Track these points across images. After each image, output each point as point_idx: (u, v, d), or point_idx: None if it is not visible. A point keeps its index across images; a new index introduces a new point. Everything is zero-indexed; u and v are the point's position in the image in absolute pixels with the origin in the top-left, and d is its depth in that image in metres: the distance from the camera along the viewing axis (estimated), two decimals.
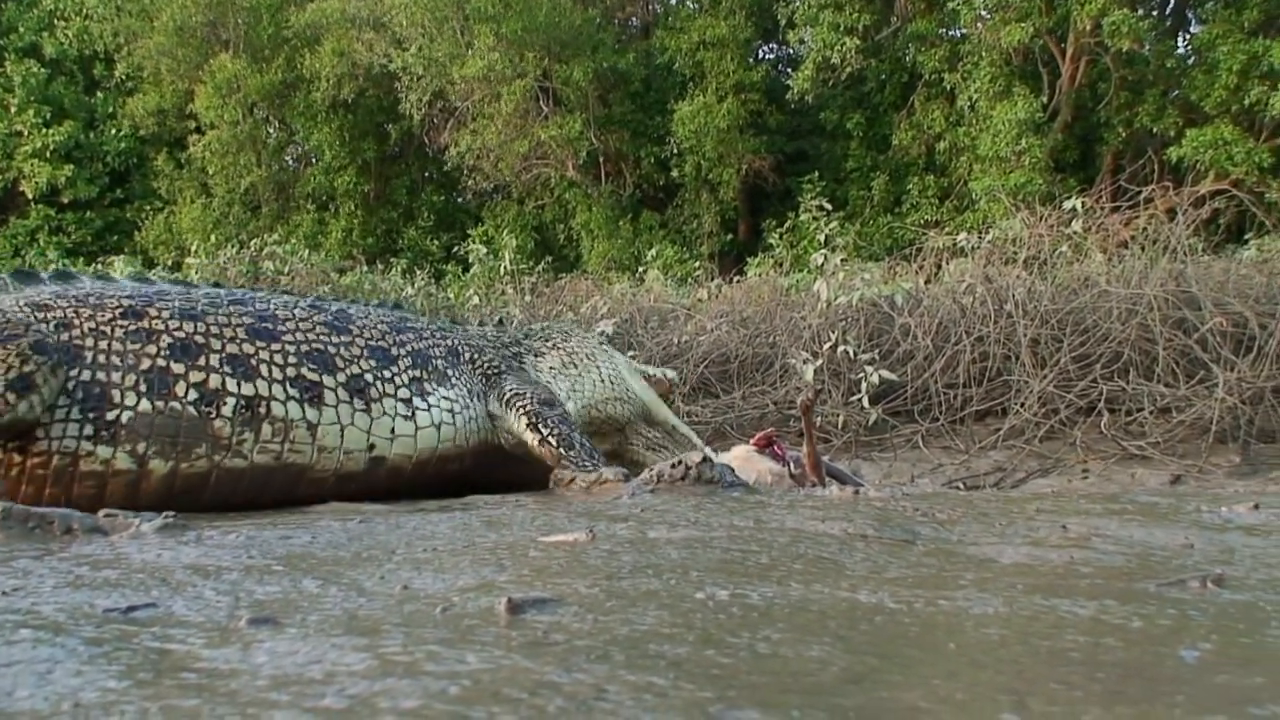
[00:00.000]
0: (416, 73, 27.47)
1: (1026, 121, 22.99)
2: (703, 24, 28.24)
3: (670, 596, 2.45)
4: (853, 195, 27.18)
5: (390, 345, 6.02)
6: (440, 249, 29.07)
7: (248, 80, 29.36)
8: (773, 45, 33.00)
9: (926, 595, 2.51)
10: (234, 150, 29.99)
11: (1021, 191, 20.79)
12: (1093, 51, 24.35)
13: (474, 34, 26.44)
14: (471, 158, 27.94)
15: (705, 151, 26.61)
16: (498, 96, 27.02)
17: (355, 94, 29.48)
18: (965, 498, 4.66)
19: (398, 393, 5.84)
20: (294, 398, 5.44)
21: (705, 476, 4.81)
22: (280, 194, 31.34)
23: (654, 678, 1.75)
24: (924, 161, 27.01)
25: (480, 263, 17.75)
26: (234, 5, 29.67)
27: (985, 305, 9.87)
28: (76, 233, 31.66)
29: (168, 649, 2.01)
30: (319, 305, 6.08)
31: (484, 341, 6.79)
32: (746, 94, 27.58)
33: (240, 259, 14.97)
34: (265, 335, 5.53)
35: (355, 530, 3.73)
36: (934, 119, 26.17)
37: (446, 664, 1.82)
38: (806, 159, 29.00)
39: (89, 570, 2.87)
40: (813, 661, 1.89)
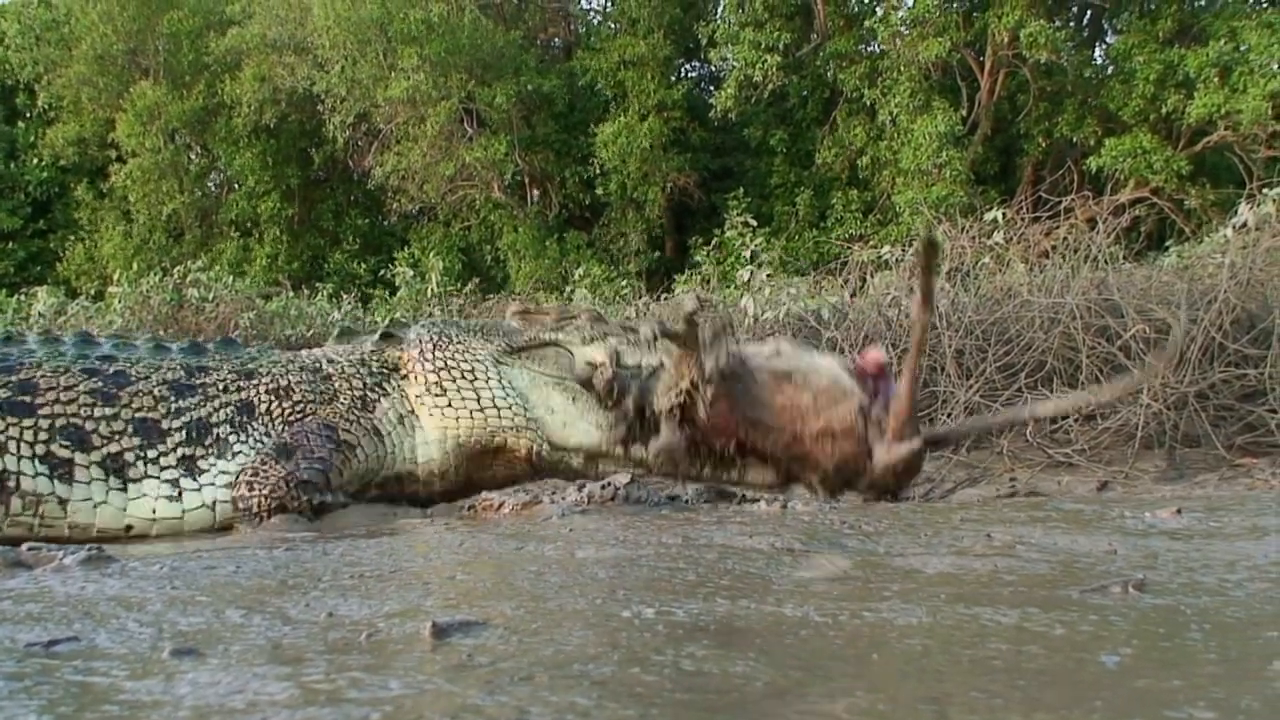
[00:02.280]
0: (340, 95, 27.34)
1: (946, 135, 23.28)
2: (622, 44, 28.37)
3: (596, 616, 2.45)
4: (778, 211, 27.36)
5: (163, 416, 5.53)
6: (367, 272, 28.89)
7: (168, 107, 29.08)
8: (694, 64, 33.18)
9: (852, 607, 2.52)
10: (155, 178, 29.66)
11: (943, 204, 21.03)
12: (1011, 64, 24.73)
13: (397, 56, 26.36)
14: (396, 180, 27.83)
15: (630, 170, 26.68)
16: (422, 119, 26.95)
17: (277, 119, 29.29)
18: (892, 509, 4.70)
19: (162, 474, 5.42)
20: (43, 474, 5.22)
21: (634, 496, 4.82)
22: (203, 220, 31.05)
23: (577, 698, 1.75)
24: (847, 176, 27.26)
25: (407, 285, 17.67)
26: (154, 32, 29.40)
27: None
28: None
29: (90, 682, 2.00)
30: (94, 368, 5.59)
31: (307, 375, 5.94)
32: (669, 112, 27.70)
33: (163, 287, 14.78)
34: (20, 410, 5.29)
35: (281, 558, 3.69)
36: (856, 134, 26.42)
37: (369, 690, 1.82)
38: (731, 176, 29.16)
39: (11, 604, 2.83)
40: (737, 677, 1.90)
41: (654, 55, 27.88)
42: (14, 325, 15.29)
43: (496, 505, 5.03)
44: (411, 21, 25.81)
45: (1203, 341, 8.97)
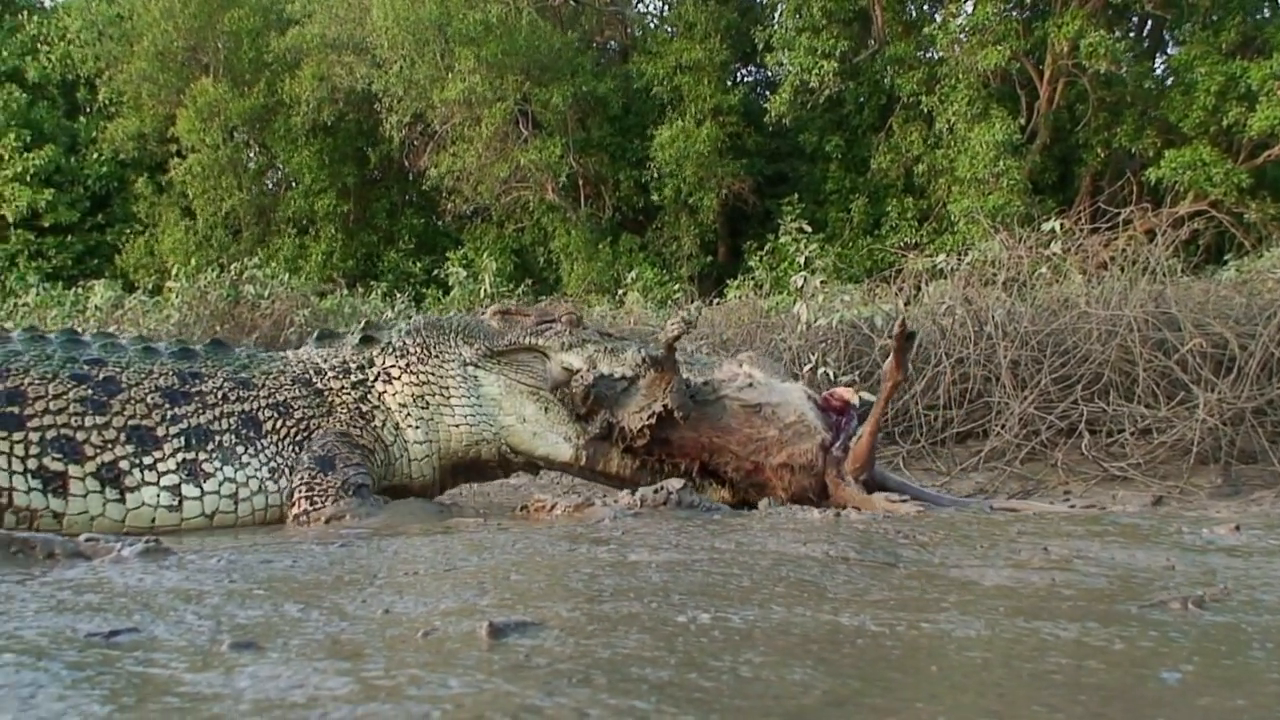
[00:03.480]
0: (397, 95, 27.47)
1: (1004, 143, 23.09)
2: (679, 48, 28.31)
3: (652, 619, 2.45)
4: (832, 217, 27.23)
5: (158, 423, 5.49)
6: (421, 271, 29.02)
7: (228, 104, 29.32)
8: (750, 68, 33.10)
9: (909, 618, 2.51)
10: (215, 174, 29.91)
11: (1000, 213, 20.86)
12: (1070, 73, 24.50)
13: (454, 57, 26.44)
14: (451, 180, 27.92)
15: (684, 175, 26.63)
16: (478, 120, 27.03)
17: (335, 117, 29.49)
18: (947, 520, 4.67)
19: (161, 480, 5.38)
20: (36, 489, 5.17)
21: (686, 501, 4.82)
22: (261, 218, 31.27)
23: (636, 701, 1.75)
24: (903, 183, 27.09)
25: (460, 285, 17.75)
26: (215, 30, 29.65)
27: (965, 327, 9.87)
28: (57, 257, 31.51)
29: (150, 673, 2.01)
30: (83, 375, 5.51)
31: (302, 390, 5.93)
32: (725, 117, 27.63)
33: (220, 282, 14.91)
34: (9, 423, 5.22)
35: (337, 554, 3.72)
36: (912, 141, 26.26)
37: (429, 688, 1.82)
38: (786, 181, 29.06)
39: (71, 594, 2.86)
40: (795, 685, 1.89)
41: (711, 60, 27.83)
42: (71, 318, 15.49)
43: (549, 506, 5.03)
44: (470, 23, 25.89)
45: (1261, 357, 8.88)
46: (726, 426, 5.94)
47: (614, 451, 6.07)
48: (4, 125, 31.25)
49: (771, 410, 5.93)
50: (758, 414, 5.93)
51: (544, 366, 6.22)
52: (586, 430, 6.06)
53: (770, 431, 5.87)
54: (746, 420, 5.92)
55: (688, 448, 6.01)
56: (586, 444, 6.06)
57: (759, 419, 5.91)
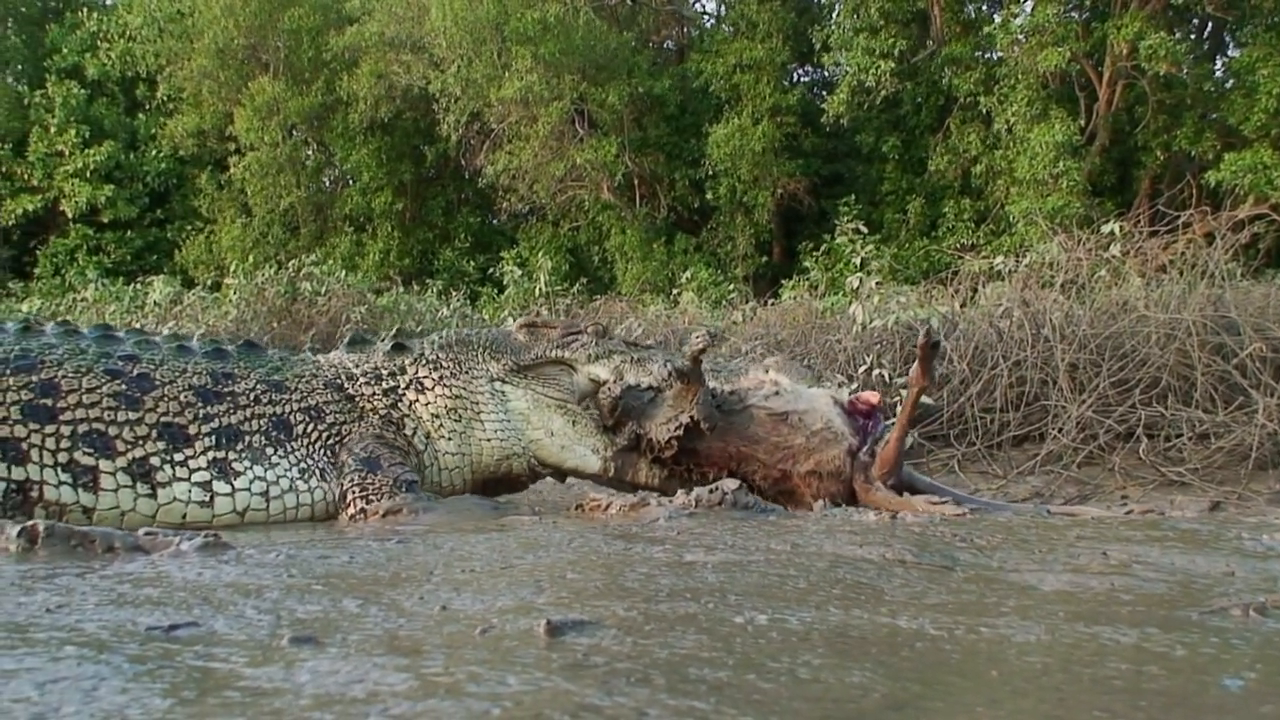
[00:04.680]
0: (454, 94, 27.60)
1: (1063, 145, 22.88)
2: (738, 47, 28.27)
3: (709, 620, 2.44)
4: (888, 218, 27.11)
5: (190, 422, 5.50)
6: (476, 270, 29.13)
7: (287, 102, 29.56)
8: (808, 68, 33.00)
9: (968, 622, 2.50)
10: (273, 171, 30.18)
11: (1059, 215, 20.69)
12: (1129, 75, 24.25)
13: (512, 56, 26.54)
14: (507, 179, 28.03)
15: (740, 174, 26.60)
16: (534, 119, 27.11)
17: (392, 116, 29.66)
18: (1005, 524, 4.64)
19: (192, 476, 5.39)
20: (66, 483, 5.16)
21: (741, 502, 4.81)
22: (318, 215, 31.51)
23: (695, 702, 1.75)
24: (960, 184, 26.92)
25: (515, 284, 17.81)
26: (275, 28, 29.90)
27: (1022, 329, 9.81)
28: (116, 252, 31.90)
29: (211, 667, 2.03)
30: (117, 370, 5.52)
31: (334, 395, 5.97)
32: (782, 117, 27.57)
33: (278, 279, 15.04)
34: (41, 415, 5.21)
35: (393, 551, 3.74)
36: (970, 142, 26.07)
37: (488, 685, 1.83)
38: (842, 181, 28.98)
39: (131, 588, 2.89)
40: (854, 688, 1.89)
41: (769, 59, 27.77)
42: (130, 313, 15.66)
43: (604, 505, 5.04)
44: (527, 22, 25.97)
45: None
46: (754, 435, 6.04)
47: (642, 462, 6.15)
48: (64, 121, 31.68)
49: (798, 418, 6.02)
50: (785, 422, 6.02)
51: (571, 379, 6.31)
52: (614, 442, 6.15)
53: (797, 439, 5.96)
54: (774, 429, 6.02)
55: (715, 457, 6.08)
56: (614, 455, 6.14)
57: (786, 427, 6.00)
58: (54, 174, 31.69)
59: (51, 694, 1.83)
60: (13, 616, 2.51)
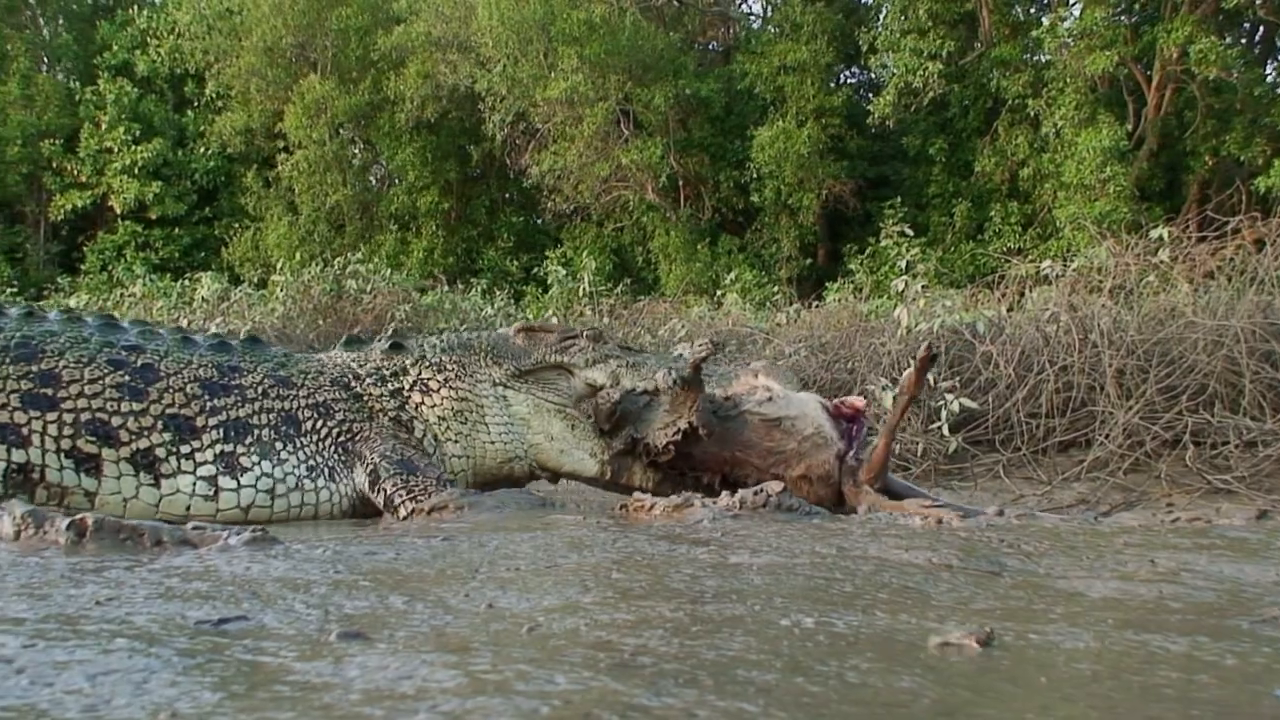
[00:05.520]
0: (500, 94, 27.70)
1: (1111, 149, 22.74)
2: (783, 49, 28.22)
3: (756, 622, 2.44)
4: (934, 221, 27.00)
5: (197, 413, 5.48)
6: (519, 270, 29.23)
7: (335, 101, 29.74)
8: (854, 70, 32.92)
9: (1016, 628, 2.48)
10: (320, 170, 30.38)
11: (1106, 220, 20.57)
12: (1179, 79, 24.07)
13: (557, 56, 26.61)
14: (552, 179, 28.11)
15: (785, 176, 26.56)
16: (579, 119, 27.17)
17: (438, 115, 29.80)
18: (1051, 530, 4.60)
19: (198, 469, 5.37)
20: (69, 467, 5.16)
21: (786, 504, 4.80)
22: (364, 213, 31.68)
23: (744, 704, 1.74)
24: (1007, 188, 26.78)
25: (559, 284, 17.84)
26: (323, 27, 30.11)
27: (1069, 334, 9.73)
28: (164, 249, 32.19)
29: (260, 661, 2.04)
30: (120, 360, 5.48)
31: (341, 393, 5.96)
32: (827, 119, 27.52)
33: (324, 277, 15.14)
34: (42, 403, 5.20)
35: (439, 548, 3.75)
36: (1018, 145, 25.94)
37: (536, 684, 1.83)
38: (888, 184, 28.89)
39: (179, 582, 2.91)
40: (904, 693, 1.88)
41: (816, 61, 27.70)
42: (177, 309, 15.79)
43: (648, 506, 5.03)
44: (573, 22, 26.04)
45: None
46: (748, 441, 6.13)
47: (636, 465, 6.25)
48: (114, 118, 32.02)
49: (790, 423, 6.10)
50: (778, 427, 6.11)
51: (568, 383, 6.38)
52: (611, 445, 6.25)
53: (790, 444, 6.06)
54: (767, 434, 6.11)
55: (710, 462, 6.19)
56: (611, 459, 6.23)
57: (779, 432, 6.10)
58: (103, 170, 32.05)
59: (103, 686, 1.85)
60: (63, 609, 2.53)
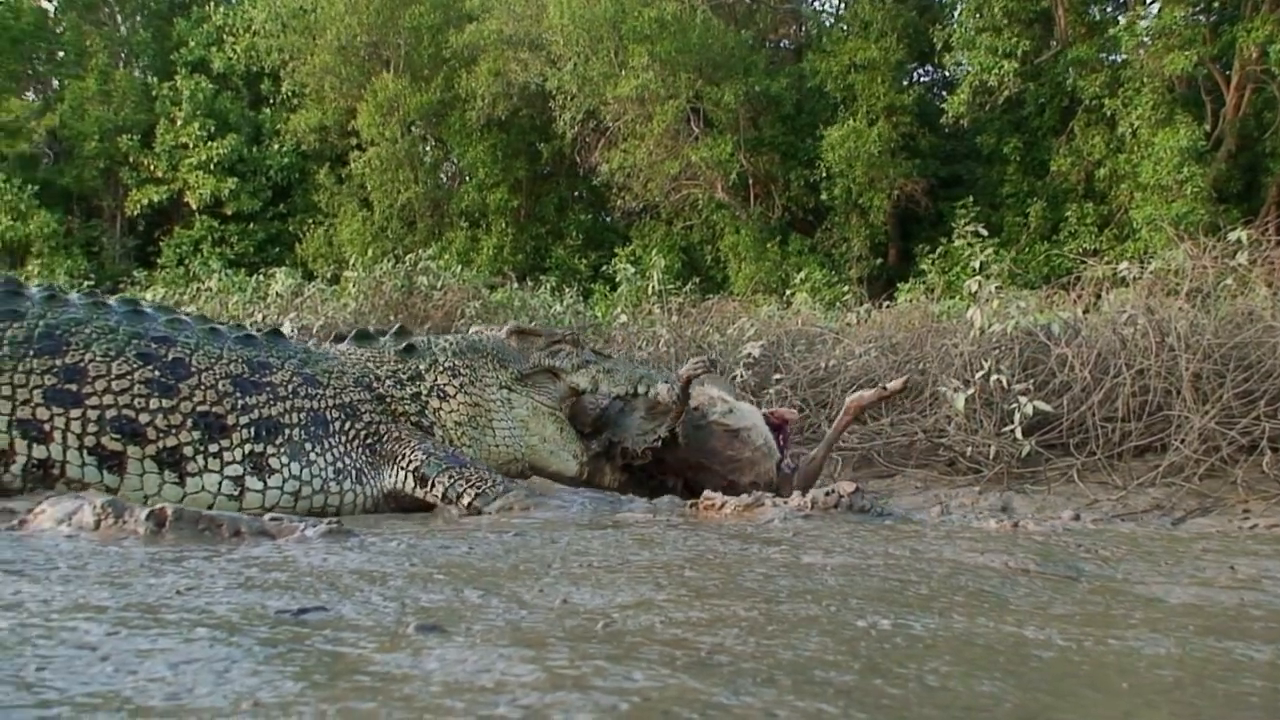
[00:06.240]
0: (570, 92, 27.75)
1: (1189, 150, 22.39)
2: (854, 46, 28.03)
3: (831, 623, 2.42)
4: (1008, 221, 26.71)
5: (228, 412, 5.37)
6: (588, 268, 29.28)
7: (407, 99, 29.93)
8: (927, 68, 32.66)
9: (1096, 633, 2.45)
10: (392, 167, 30.60)
11: (1184, 221, 20.26)
12: (1258, 79, 23.66)
13: (628, 54, 26.62)
14: (621, 177, 28.12)
15: (855, 175, 26.39)
16: (649, 117, 27.16)
17: (509, 113, 29.90)
18: (1128, 535, 4.55)
19: (225, 469, 5.28)
20: (91, 464, 5.05)
21: (858, 505, 4.77)
22: (435, 210, 31.86)
23: (824, 705, 1.73)
24: (1083, 188, 26.44)
25: (628, 282, 17.82)
26: (396, 26, 30.31)
27: (1146, 337, 9.58)
28: (239, 244, 32.57)
29: (340, 652, 2.06)
30: (149, 353, 5.34)
31: (366, 394, 5.94)
32: (898, 117, 27.31)
33: (395, 273, 15.23)
34: (66, 400, 5.07)
35: (511, 543, 3.77)
36: (1094, 145, 25.61)
37: (614, 680, 1.83)
38: (961, 183, 28.61)
39: (258, 572, 2.94)
40: (984, 697, 1.86)
41: (886, 59, 27.50)
42: (252, 303, 15.96)
43: (718, 505, 5.03)
44: (644, 20, 26.03)
45: None
46: (712, 449, 6.58)
47: (608, 467, 6.56)
48: (190, 115, 32.44)
49: (747, 434, 6.61)
50: (736, 437, 6.59)
51: (556, 386, 6.58)
52: (589, 448, 6.56)
53: (746, 453, 6.56)
54: (728, 443, 6.58)
55: (676, 467, 6.64)
56: (589, 460, 6.53)
57: (738, 442, 6.58)
58: (179, 166, 32.47)
59: (185, 674, 1.87)
60: (144, 597, 2.56)
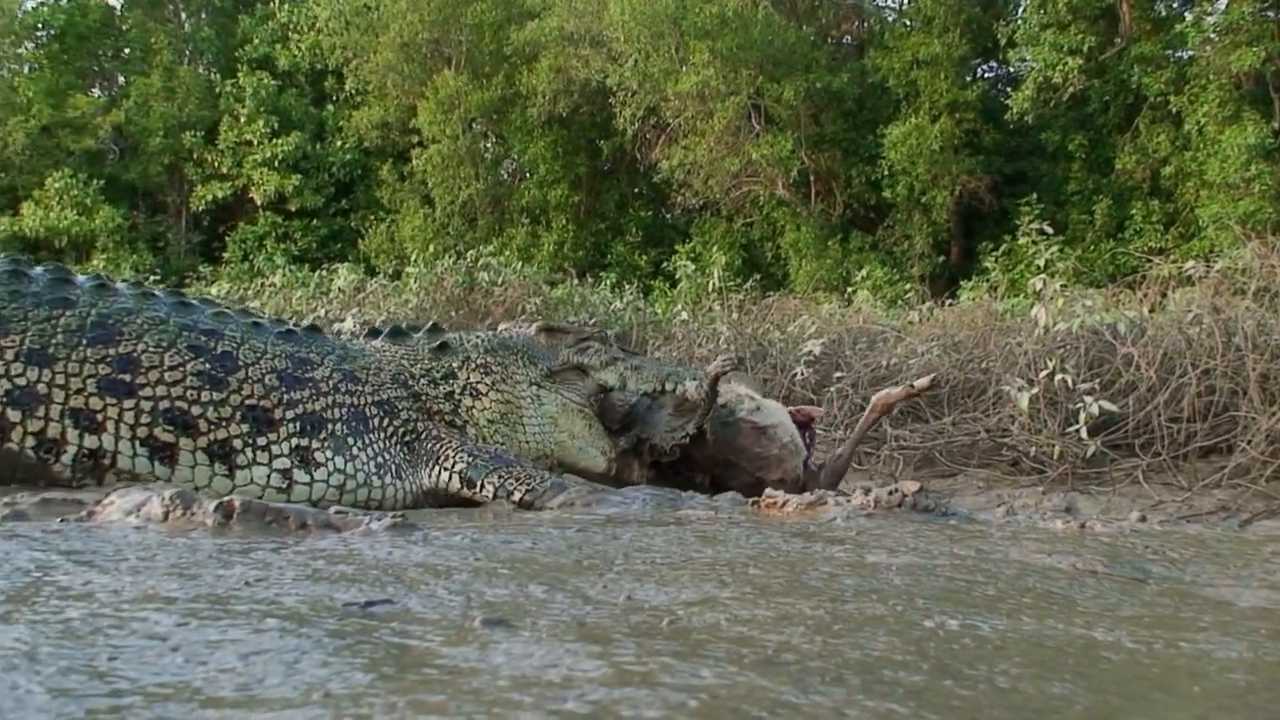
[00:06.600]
0: (631, 88, 27.80)
1: (1256, 147, 22.10)
2: (916, 42, 27.91)
3: (898, 623, 2.41)
4: (1073, 219, 26.46)
5: (275, 406, 5.41)
6: (648, 264, 29.31)
7: (468, 96, 30.11)
8: (991, 64, 32.42)
9: (1166, 636, 2.42)
10: (454, 164, 30.79)
11: (1251, 219, 20.00)
12: None
13: (689, 50, 26.62)
14: (682, 174, 28.12)
15: (918, 172, 26.26)
16: (710, 114, 27.15)
17: (569, 110, 30.00)
18: (1196, 536, 4.49)
19: (273, 462, 5.32)
20: (143, 455, 5.05)
21: (921, 505, 4.74)
22: (496, 207, 32.02)
23: (894, 705, 1.72)
24: (1148, 186, 26.18)
25: (688, 279, 17.80)
26: (458, 23, 30.49)
27: (1212, 337, 9.47)
28: (302, 240, 32.91)
29: (408, 644, 2.07)
30: (200, 346, 5.35)
31: (402, 391, 5.95)
32: (962, 113, 27.15)
33: (456, 269, 15.32)
34: (120, 390, 5.07)
35: (573, 539, 3.77)
36: (1159, 143, 25.34)
37: (681, 677, 1.83)
38: (1025, 180, 28.35)
39: (325, 564, 2.97)
40: (1056, 699, 1.84)
41: (949, 55, 27.33)
42: (315, 299, 16.10)
43: (780, 503, 5.01)
44: (705, 16, 26.03)
45: None
46: (740, 447, 6.52)
47: (636, 463, 6.48)
48: (254, 111, 32.79)
49: (774, 431, 6.57)
50: (764, 435, 6.55)
51: (584, 383, 6.52)
52: (616, 444, 6.47)
53: (773, 450, 6.52)
54: (755, 440, 6.53)
55: (703, 464, 6.53)
56: (618, 457, 6.44)
57: (765, 439, 6.53)
58: (243, 162, 32.87)
59: (255, 665, 1.88)
60: (213, 588, 2.58)
